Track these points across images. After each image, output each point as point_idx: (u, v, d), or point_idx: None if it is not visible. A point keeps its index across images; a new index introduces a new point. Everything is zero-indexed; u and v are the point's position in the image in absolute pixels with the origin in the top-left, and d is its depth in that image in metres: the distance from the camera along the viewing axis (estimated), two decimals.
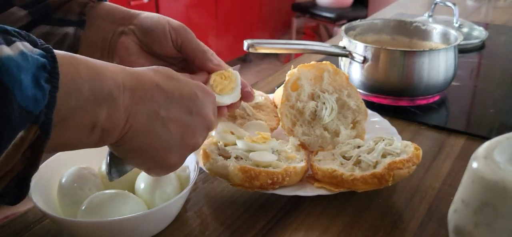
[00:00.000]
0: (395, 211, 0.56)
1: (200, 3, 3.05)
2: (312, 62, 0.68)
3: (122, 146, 0.42)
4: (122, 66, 0.42)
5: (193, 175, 0.54)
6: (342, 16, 3.29)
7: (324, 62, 0.68)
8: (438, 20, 1.28)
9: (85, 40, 0.56)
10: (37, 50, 0.33)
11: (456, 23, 1.23)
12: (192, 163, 0.57)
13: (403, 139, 0.67)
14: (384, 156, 0.57)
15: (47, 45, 0.34)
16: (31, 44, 0.33)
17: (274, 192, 0.56)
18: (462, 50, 1.14)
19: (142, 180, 0.54)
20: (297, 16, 3.58)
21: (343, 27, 0.90)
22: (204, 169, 0.58)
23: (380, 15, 1.58)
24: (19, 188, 0.33)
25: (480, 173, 0.40)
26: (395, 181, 0.54)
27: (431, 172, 0.64)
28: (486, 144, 0.43)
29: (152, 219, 0.50)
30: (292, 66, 0.69)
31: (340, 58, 0.90)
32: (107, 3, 0.58)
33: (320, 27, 3.69)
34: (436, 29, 0.92)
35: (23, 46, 0.32)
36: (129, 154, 0.43)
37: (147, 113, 0.41)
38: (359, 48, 0.83)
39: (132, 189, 0.55)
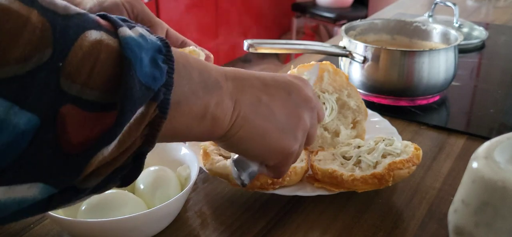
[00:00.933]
0: (395, 211, 0.56)
1: (200, 3, 3.05)
2: (312, 62, 0.68)
3: (234, 136, 0.42)
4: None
5: (193, 175, 0.54)
6: (342, 16, 3.29)
7: (324, 62, 0.68)
8: (438, 20, 1.28)
9: None
10: (154, 36, 0.34)
11: (456, 23, 1.23)
12: (192, 163, 0.57)
13: (403, 139, 0.67)
14: (384, 156, 0.57)
15: (160, 36, 0.35)
16: (147, 30, 0.35)
17: (274, 192, 0.56)
18: (462, 50, 1.14)
19: (142, 180, 0.54)
20: (297, 16, 3.58)
21: (343, 27, 0.90)
22: (204, 169, 0.58)
23: (380, 15, 1.58)
24: (136, 163, 0.33)
25: (481, 173, 0.40)
26: (395, 182, 0.54)
27: (431, 172, 0.64)
28: (487, 144, 0.43)
29: (152, 219, 0.50)
30: (292, 66, 0.69)
31: (340, 58, 0.90)
32: None
33: (320, 27, 3.69)
34: (436, 29, 0.92)
35: (142, 30, 0.33)
36: (243, 143, 0.43)
37: (250, 99, 0.42)
38: (359, 48, 0.83)
39: (132, 189, 0.55)
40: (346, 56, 0.85)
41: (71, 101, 0.28)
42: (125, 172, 0.33)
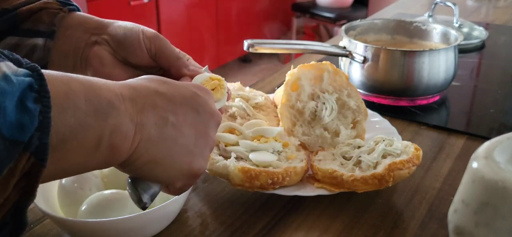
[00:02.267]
0: (395, 211, 0.56)
1: (200, 3, 3.05)
2: (312, 62, 0.68)
3: (137, 161, 0.38)
4: (112, 80, 0.39)
5: None
6: (342, 16, 3.29)
7: (324, 62, 0.68)
8: (438, 20, 1.28)
9: (56, 51, 0.53)
10: (22, 70, 0.29)
11: (456, 23, 1.23)
12: None
13: (403, 139, 0.67)
14: (384, 156, 0.57)
15: (32, 64, 0.30)
16: (14, 64, 0.30)
17: (274, 192, 0.56)
18: (462, 50, 1.14)
19: None
20: (297, 16, 3.58)
21: (343, 27, 0.90)
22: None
23: (380, 15, 1.58)
24: (17, 219, 0.30)
25: (481, 173, 0.40)
26: (395, 182, 0.54)
27: (431, 172, 0.64)
28: (487, 144, 0.43)
29: (152, 219, 0.50)
30: (292, 66, 0.69)
31: (340, 58, 0.90)
32: (79, 13, 0.55)
33: (320, 27, 3.69)
34: (436, 29, 0.92)
35: (6, 67, 0.28)
36: (148, 167, 0.40)
37: (154, 120, 0.39)
38: (359, 48, 0.83)
39: None
40: (346, 56, 0.85)
41: None
42: (5, 232, 0.30)
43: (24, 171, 0.29)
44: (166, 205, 0.50)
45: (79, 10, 0.57)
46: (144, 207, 0.42)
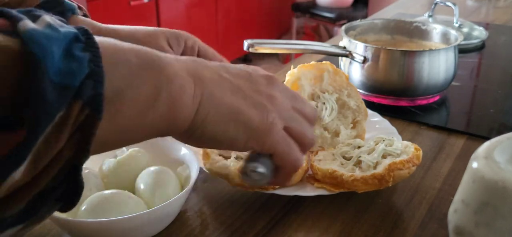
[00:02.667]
0: (395, 211, 0.56)
1: (200, 3, 3.05)
2: (312, 62, 0.68)
3: (204, 122, 0.35)
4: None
5: (193, 175, 0.54)
6: (342, 16, 3.29)
7: (324, 62, 0.68)
8: (438, 20, 1.28)
9: None
10: (69, 26, 0.28)
11: (456, 23, 1.23)
12: (192, 163, 0.57)
13: (403, 139, 0.67)
14: (384, 156, 0.57)
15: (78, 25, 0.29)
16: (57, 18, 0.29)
17: (274, 192, 0.56)
18: (462, 50, 1.14)
19: (142, 180, 0.54)
20: (297, 16, 3.58)
21: (343, 27, 0.90)
22: (204, 169, 0.58)
23: (380, 15, 1.58)
24: (70, 181, 0.28)
25: (481, 173, 0.40)
26: (395, 182, 0.54)
27: (431, 172, 0.64)
28: (487, 144, 0.43)
29: (152, 219, 0.50)
30: (292, 66, 0.69)
31: (340, 58, 0.90)
32: (82, 18, 0.54)
33: (320, 27, 3.69)
34: (436, 29, 0.92)
35: (51, 19, 0.27)
36: (217, 128, 0.36)
37: (211, 75, 0.36)
38: (359, 48, 0.83)
39: (132, 189, 0.55)
40: (346, 56, 0.85)
41: None
42: (59, 194, 0.28)
43: (78, 123, 0.26)
44: (166, 205, 0.50)
45: (76, 13, 0.55)
46: (261, 179, 0.41)
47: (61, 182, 0.27)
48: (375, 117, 0.74)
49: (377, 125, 0.72)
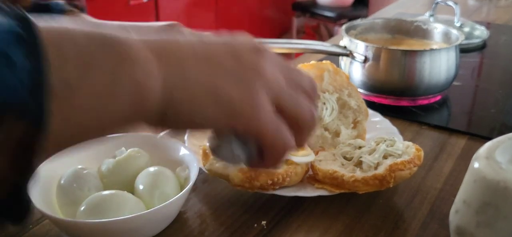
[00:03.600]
0: (396, 212, 0.56)
1: (200, 3, 3.05)
2: (312, 62, 0.68)
3: (176, 102, 0.31)
4: None
5: (192, 176, 0.54)
6: (342, 16, 3.29)
7: (324, 61, 0.68)
8: (439, 19, 1.27)
9: None
10: (6, 14, 0.24)
11: (458, 22, 1.23)
12: (191, 163, 0.57)
13: (404, 139, 0.66)
14: (385, 157, 0.56)
15: (19, 12, 0.24)
16: None
17: (274, 192, 0.56)
18: (463, 50, 1.14)
19: (141, 180, 0.54)
20: (297, 16, 3.58)
21: (344, 27, 0.90)
22: (204, 169, 0.58)
23: (381, 15, 1.57)
24: (16, 203, 0.25)
25: (482, 173, 0.40)
26: (396, 183, 0.54)
27: (432, 172, 0.64)
28: (488, 144, 0.43)
29: (151, 219, 0.49)
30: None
31: (340, 57, 0.89)
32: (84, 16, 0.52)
33: (320, 26, 3.69)
34: (437, 29, 0.92)
35: None
36: (193, 109, 0.32)
37: (185, 51, 0.32)
38: (360, 48, 0.83)
39: (131, 189, 0.54)
40: (347, 55, 0.84)
41: None
42: (5, 216, 0.25)
43: (18, 140, 0.23)
44: (165, 205, 0.49)
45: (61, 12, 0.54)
46: (236, 161, 0.37)
47: (5, 202, 0.24)
48: (376, 117, 0.74)
49: (378, 125, 0.72)
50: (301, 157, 0.56)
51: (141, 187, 0.53)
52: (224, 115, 0.33)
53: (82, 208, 0.50)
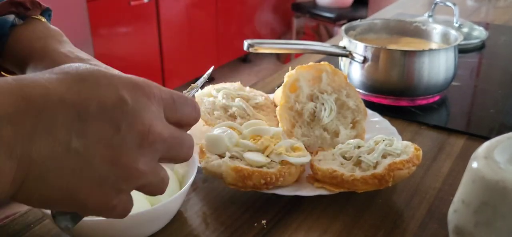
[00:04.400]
0: (395, 211, 0.56)
1: (200, 3, 3.05)
2: (310, 63, 0.68)
3: (23, 197, 0.29)
4: (5, 78, 0.29)
5: (192, 173, 0.54)
6: (342, 16, 3.29)
7: (322, 62, 0.68)
8: (438, 20, 1.28)
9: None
10: None
11: (456, 23, 1.23)
12: (191, 161, 0.57)
13: (403, 139, 0.67)
14: (384, 156, 0.57)
15: None
16: None
17: (274, 192, 0.56)
18: (462, 50, 1.14)
19: None
20: (297, 16, 3.58)
21: (343, 27, 0.90)
22: (201, 166, 0.58)
23: (380, 15, 1.58)
24: None
25: (480, 173, 0.40)
26: (395, 182, 0.54)
27: (431, 172, 0.64)
28: (486, 144, 0.43)
29: (151, 218, 0.50)
30: (290, 67, 0.69)
31: (340, 58, 0.90)
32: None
33: (320, 27, 3.69)
34: (436, 29, 0.92)
35: None
36: (39, 203, 0.30)
37: (49, 149, 0.28)
38: (359, 48, 0.83)
39: None
40: (346, 56, 0.85)
41: None
42: None
43: None
44: (166, 204, 0.50)
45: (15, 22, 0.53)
46: (59, 225, 0.34)
47: None
48: (375, 117, 0.74)
49: (377, 125, 0.72)
50: (296, 157, 0.57)
51: None
52: (77, 209, 0.32)
53: None
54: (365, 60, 0.82)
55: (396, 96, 0.83)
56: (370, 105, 0.81)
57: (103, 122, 0.30)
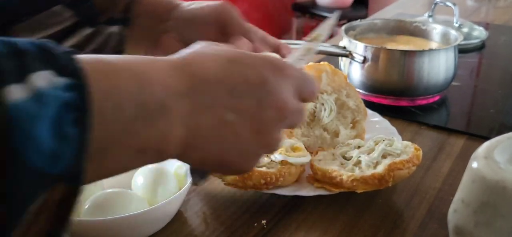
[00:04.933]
0: (395, 211, 0.56)
1: None
2: (310, 63, 0.68)
3: (186, 157, 0.35)
4: (171, 58, 0.34)
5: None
6: (342, 16, 3.28)
7: (322, 63, 0.68)
8: (438, 20, 1.28)
9: (131, 39, 0.53)
10: (61, 80, 0.24)
11: (456, 23, 1.23)
12: None
13: (403, 139, 0.66)
14: (384, 156, 0.57)
15: (76, 66, 0.26)
16: (53, 69, 0.25)
17: (274, 192, 0.56)
18: (462, 50, 1.14)
19: (140, 178, 0.54)
20: (297, 16, 3.58)
21: (343, 27, 0.90)
22: None
23: (380, 15, 1.58)
24: None
25: (480, 173, 0.40)
26: (395, 182, 0.54)
27: (431, 172, 0.64)
28: (486, 144, 0.43)
29: (151, 217, 0.50)
30: None
31: (340, 58, 0.90)
32: None
33: None
34: (436, 29, 0.92)
35: (40, 79, 0.24)
36: (197, 163, 0.36)
37: (211, 122, 0.34)
38: (359, 48, 0.83)
39: (129, 187, 0.55)
40: (346, 56, 0.85)
41: None
42: None
43: (58, 201, 0.25)
44: (166, 203, 0.50)
45: None
46: (194, 184, 0.44)
47: None
48: (375, 117, 0.74)
49: (377, 125, 0.72)
50: (296, 157, 0.57)
51: (140, 185, 0.54)
52: (221, 169, 0.39)
53: (86, 206, 0.50)
54: (365, 60, 0.82)
55: (396, 96, 0.83)
56: (370, 105, 0.81)
57: (250, 98, 0.35)
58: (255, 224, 0.54)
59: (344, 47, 0.86)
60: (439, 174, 0.64)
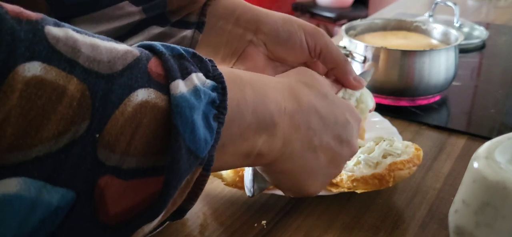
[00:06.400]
0: (396, 212, 0.56)
1: None
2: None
3: (272, 168, 0.40)
4: (281, 79, 0.40)
5: None
6: (342, 16, 3.29)
7: None
8: (439, 20, 1.28)
9: (205, 43, 0.51)
10: (209, 82, 0.30)
11: (457, 23, 1.23)
12: None
13: (403, 139, 0.66)
14: (385, 156, 0.56)
15: (218, 72, 0.31)
16: (203, 72, 0.31)
17: (274, 192, 0.56)
18: (462, 50, 1.14)
19: None
20: (297, 16, 3.57)
21: (344, 27, 0.90)
22: None
23: (380, 15, 1.58)
24: (176, 218, 0.32)
25: (481, 173, 0.40)
26: (395, 182, 0.54)
27: (431, 172, 0.64)
28: (487, 144, 0.43)
29: None
30: None
31: None
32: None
33: (320, 27, 3.69)
34: (437, 29, 0.92)
35: (197, 78, 0.29)
36: (276, 175, 0.42)
37: (302, 139, 0.39)
38: (359, 48, 0.83)
39: None
40: (347, 56, 0.85)
41: (110, 171, 0.25)
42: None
43: (194, 181, 0.30)
44: None
45: None
46: (251, 195, 0.48)
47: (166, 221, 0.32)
48: (375, 117, 0.74)
49: (378, 125, 0.72)
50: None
51: None
52: (292, 189, 0.44)
53: None
54: (365, 60, 0.82)
55: (397, 96, 0.83)
56: None
57: (333, 133, 0.42)
58: (255, 225, 0.54)
59: (345, 47, 0.85)
60: (440, 174, 0.64)
